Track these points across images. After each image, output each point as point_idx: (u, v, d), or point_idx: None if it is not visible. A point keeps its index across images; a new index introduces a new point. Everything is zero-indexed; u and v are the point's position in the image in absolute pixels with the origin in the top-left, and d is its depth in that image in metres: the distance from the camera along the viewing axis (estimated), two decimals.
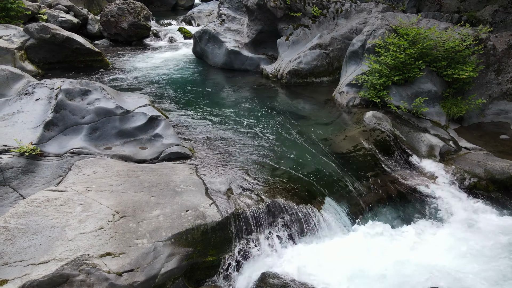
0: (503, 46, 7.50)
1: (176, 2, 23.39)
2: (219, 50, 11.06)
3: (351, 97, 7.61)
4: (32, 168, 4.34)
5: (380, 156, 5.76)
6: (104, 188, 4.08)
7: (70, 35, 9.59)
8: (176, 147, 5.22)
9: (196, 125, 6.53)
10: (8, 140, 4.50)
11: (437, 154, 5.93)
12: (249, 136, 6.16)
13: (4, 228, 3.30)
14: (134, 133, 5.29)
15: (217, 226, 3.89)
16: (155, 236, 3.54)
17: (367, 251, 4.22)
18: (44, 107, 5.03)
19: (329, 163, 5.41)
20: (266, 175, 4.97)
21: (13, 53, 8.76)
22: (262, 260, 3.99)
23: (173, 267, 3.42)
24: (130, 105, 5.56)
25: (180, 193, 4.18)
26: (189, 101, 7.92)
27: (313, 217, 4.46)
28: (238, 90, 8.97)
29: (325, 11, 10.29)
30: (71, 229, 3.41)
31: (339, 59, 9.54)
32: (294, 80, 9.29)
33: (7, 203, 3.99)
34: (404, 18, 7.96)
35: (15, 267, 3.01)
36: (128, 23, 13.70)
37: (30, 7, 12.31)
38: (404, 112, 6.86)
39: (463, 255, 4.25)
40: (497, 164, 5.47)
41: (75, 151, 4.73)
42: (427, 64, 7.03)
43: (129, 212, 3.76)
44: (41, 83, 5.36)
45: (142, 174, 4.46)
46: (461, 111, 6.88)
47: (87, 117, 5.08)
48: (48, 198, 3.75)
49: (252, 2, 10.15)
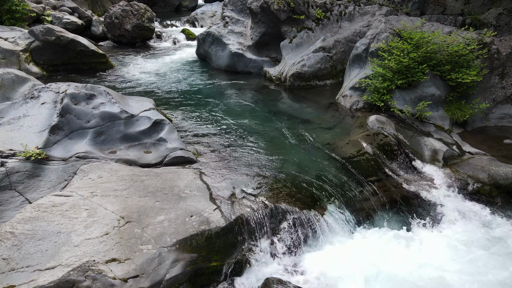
0: (507, 50, 7.49)
1: (180, 3, 23.43)
2: (222, 52, 11.07)
3: (355, 100, 7.61)
4: (37, 172, 4.38)
5: (384, 160, 5.76)
6: (109, 193, 4.11)
7: (74, 37, 9.64)
8: (180, 151, 5.25)
9: (200, 129, 6.55)
10: (14, 144, 4.54)
11: (440, 158, 5.93)
12: (252, 140, 6.17)
13: (11, 233, 3.33)
14: (139, 137, 5.33)
15: (221, 231, 3.91)
16: (160, 241, 3.57)
17: (371, 257, 4.23)
18: (49, 111, 5.07)
19: (333, 168, 5.43)
20: (270, 180, 4.99)
21: (18, 55, 8.83)
22: (266, 265, 4.01)
23: (178, 273, 3.45)
24: (135, 109, 5.59)
25: (184, 198, 4.20)
26: (193, 104, 7.94)
27: (317, 222, 4.47)
28: (241, 93, 8.99)
29: (328, 13, 10.30)
30: (77, 235, 3.44)
31: (342, 62, 9.54)
32: (298, 83, 9.29)
33: (13, 207, 4.03)
34: (408, 22, 7.95)
35: (22, 273, 3.04)
36: (132, 25, 13.75)
37: (35, 9, 12.38)
38: (408, 116, 6.86)
39: (465, 261, 4.25)
40: (501, 169, 5.46)
41: (80, 155, 4.77)
42: (431, 68, 7.02)
43: (134, 218, 3.78)
44: (46, 87, 5.39)
45: (147, 179, 4.49)
46: (464, 115, 6.86)
47: (92, 121, 5.11)
48: (54, 203, 3.78)
49: (256, 4, 10.16)
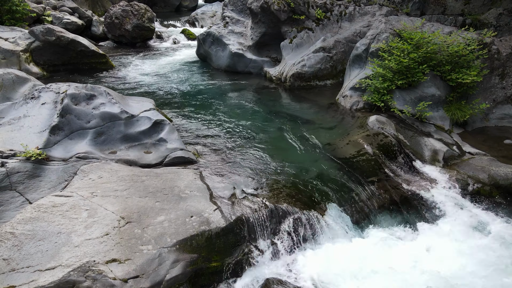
0: (508, 50, 7.48)
1: (180, 3, 23.45)
2: (222, 52, 11.08)
3: (355, 101, 7.61)
4: (38, 172, 4.39)
5: (384, 160, 5.76)
6: (109, 193, 4.12)
7: (75, 38, 9.65)
8: (180, 151, 5.25)
9: (200, 129, 6.56)
10: (15, 144, 4.55)
11: (440, 159, 5.93)
12: (253, 140, 6.18)
13: (11, 234, 3.34)
14: (139, 138, 5.33)
15: (222, 232, 3.91)
16: (160, 242, 3.57)
17: (371, 257, 4.23)
18: (50, 112, 5.07)
19: (333, 168, 5.43)
20: (270, 180, 4.99)
21: (18, 55, 8.84)
22: (266, 266, 4.01)
23: (178, 273, 3.45)
24: (135, 109, 5.60)
25: (184, 199, 4.21)
26: (193, 104, 7.95)
27: (317, 222, 4.47)
28: (241, 93, 8.99)
29: (328, 14, 10.30)
30: (77, 235, 3.45)
31: (342, 62, 9.54)
32: (298, 83, 9.30)
33: (14, 207, 4.03)
34: (408, 22, 7.95)
35: (22, 273, 3.05)
36: (132, 25, 13.76)
37: (35, 9, 12.39)
38: (408, 116, 6.86)
39: (465, 262, 4.25)
40: (501, 169, 5.46)
41: (81, 155, 4.77)
42: (431, 69, 7.01)
43: (134, 218, 3.79)
44: (47, 87, 5.40)
45: (147, 179, 4.49)
46: (465, 116, 6.86)
47: (92, 122, 5.12)
48: (54, 203, 3.78)
49: (256, 4, 10.16)
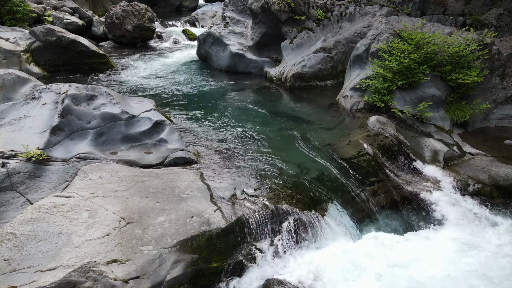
0: (508, 50, 7.49)
1: (180, 3, 23.43)
2: (223, 52, 11.08)
3: (355, 101, 7.61)
4: (38, 173, 4.39)
5: (384, 161, 5.76)
6: (110, 194, 4.12)
7: (75, 38, 9.65)
8: (181, 152, 5.26)
9: (201, 130, 6.56)
10: (15, 145, 4.55)
11: (441, 159, 5.93)
12: (253, 141, 6.18)
13: (12, 234, 3.34)
14: (139, 138, 5.33)
15: (222, 232, 3.92)
16: (161, 242, 3.57)
17: (371, 257, 4.23)
18: (50, 112, 5.08)
19: (333, 169, 5.43)
20: (270, 181, 5.00)
21: (19, 55, 8.84)
22: (266, 266, 4.01)
23: (179, 274, 3.45)
24: (135, 109, 5.60)
25: (185, 199, 4.21)
26: (194, 105, 7.95)
27: (317, 223, 4.48)
28: (242, 93, 8.99)
29: (329, 14, 10.30)
30: (78, 236, 3.45)
31: (343, 62, 9.55)
32: (298, 83, 9.30)
33: (15, 207, 4.04)
34: (408, 22, 7.96)
35: (23, 274, 3.05)
36: (133, 25, 13.76)
37: (36, 10, 12.39)
38: (408, 116, 6.86)
39: (465, 262, 4.25)
40: (502, 170, 5.46)
41: (81, 156, 4.78)
42: (432, 69, 7.02)
43: (134, 218, 3.79)
44: (47, 88, 5.40)
45: (148, 180, 4.50)
46: (465, 116, 6.87)
47: (93, 122, 5.12)
48: (55, 204, 3.79)
49: (256, 5, 10.16)
